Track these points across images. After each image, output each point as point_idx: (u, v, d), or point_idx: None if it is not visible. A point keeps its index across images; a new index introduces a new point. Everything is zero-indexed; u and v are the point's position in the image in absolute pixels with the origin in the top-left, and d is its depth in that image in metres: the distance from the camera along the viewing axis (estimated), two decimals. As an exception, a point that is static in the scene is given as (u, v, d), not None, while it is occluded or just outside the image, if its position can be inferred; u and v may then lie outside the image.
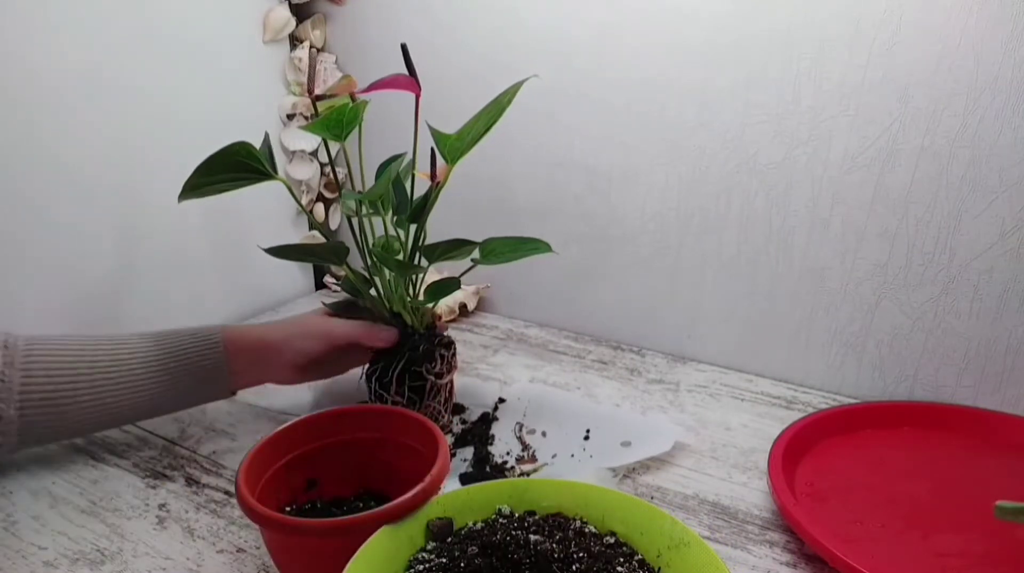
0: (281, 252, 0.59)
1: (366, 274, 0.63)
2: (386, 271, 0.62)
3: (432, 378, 0.63)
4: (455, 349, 0.66)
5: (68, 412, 0.56)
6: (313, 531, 0.44)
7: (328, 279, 1.06)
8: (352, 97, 0.57)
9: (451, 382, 0.66)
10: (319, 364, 0.65)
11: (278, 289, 1.00)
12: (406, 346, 0.63)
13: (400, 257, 0.63)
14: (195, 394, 0.63)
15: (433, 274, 0.96)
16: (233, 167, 0.54)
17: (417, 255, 0.61)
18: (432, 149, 0.59)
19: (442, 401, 0.65)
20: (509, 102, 0.56)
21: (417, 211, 0.62)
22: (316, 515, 0.53)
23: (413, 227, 0.62)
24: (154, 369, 0.59)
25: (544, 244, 0.64)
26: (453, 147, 0.57)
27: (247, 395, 0.74)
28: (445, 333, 0.67)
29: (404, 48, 0.58)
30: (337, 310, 0.66)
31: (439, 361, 0.63)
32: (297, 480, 0.53)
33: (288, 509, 0.52)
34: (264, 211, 0.94)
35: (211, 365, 0.61)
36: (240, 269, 0.93)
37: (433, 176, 0.60)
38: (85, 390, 0.56)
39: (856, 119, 0.66)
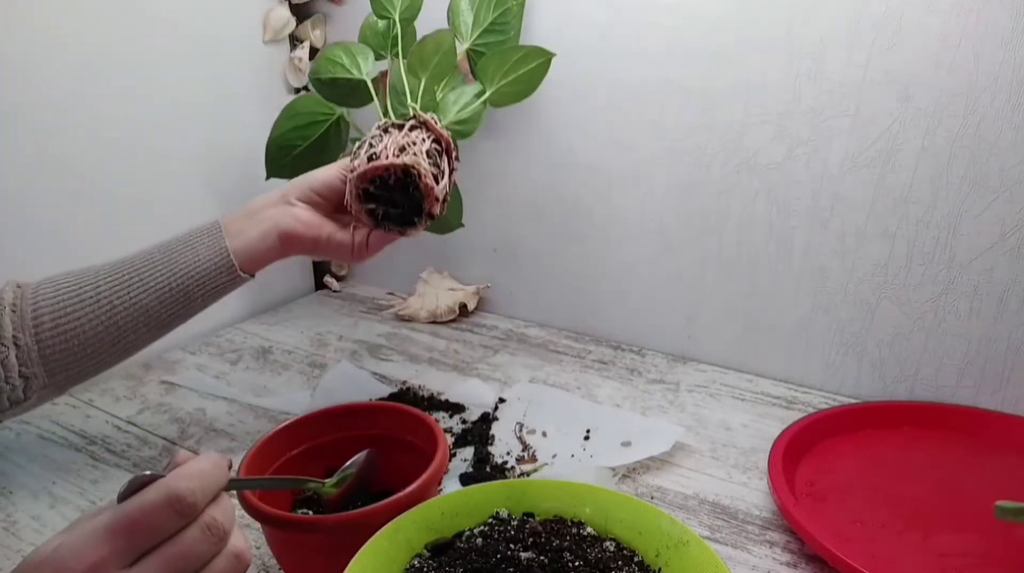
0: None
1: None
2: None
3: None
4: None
5: (82, 334, 0.55)
6: (306, 527, 0.44)
7: (328, 279, 1.06)
8: None
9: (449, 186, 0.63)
10: (332, 208, 0.61)
11: (278, 290, 1.00)
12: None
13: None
14: (203, 284, 0.58)
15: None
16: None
17: None
18: None
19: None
20: None
21: None
22: (318, 512, 0.53)
23: None
24: (157, 268, 0.57)
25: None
26: None
27: (246, 395, 0.74)
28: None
29: None
30: None
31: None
32: (298, 478, 0.53)
33: (292, 507, 0.52)
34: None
35: (210, 245, 0.58)
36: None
37: None
38: (91, 306, 0.55)
39: (856, 119, 0.66)
